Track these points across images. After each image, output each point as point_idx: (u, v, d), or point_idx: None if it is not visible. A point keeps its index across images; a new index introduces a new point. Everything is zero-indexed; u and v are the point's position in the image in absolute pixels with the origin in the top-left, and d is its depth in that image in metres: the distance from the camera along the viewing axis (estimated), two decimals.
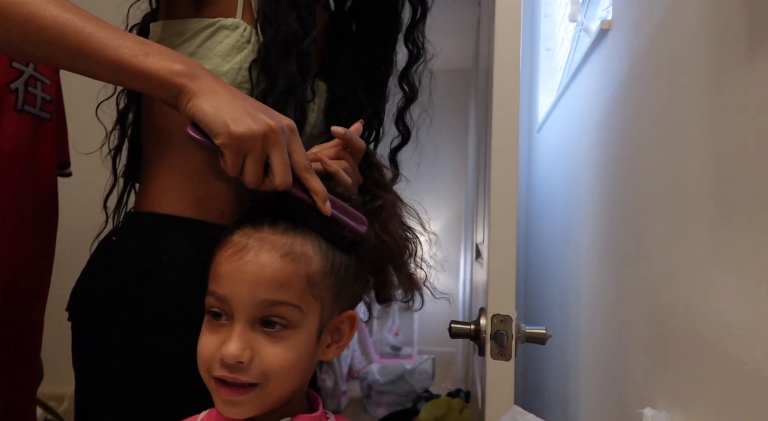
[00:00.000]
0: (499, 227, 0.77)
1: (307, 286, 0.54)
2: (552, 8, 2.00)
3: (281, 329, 0.53)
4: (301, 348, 0.54)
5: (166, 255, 0.69)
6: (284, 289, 0.53)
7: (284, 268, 0.53)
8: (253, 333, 0.53)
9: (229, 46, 0.71)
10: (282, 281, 0.53)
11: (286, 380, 0.54)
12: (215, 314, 0.54)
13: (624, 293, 0.85)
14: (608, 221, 0.97)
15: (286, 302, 0.53)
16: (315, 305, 0.55)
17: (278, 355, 0.53)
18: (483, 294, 0.89)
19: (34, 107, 0.84)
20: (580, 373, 1.13)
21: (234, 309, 0.53)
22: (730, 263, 0.51)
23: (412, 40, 0.89)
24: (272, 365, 0.52)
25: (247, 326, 0.52)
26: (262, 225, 0.55)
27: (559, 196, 1.52)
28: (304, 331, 0.54)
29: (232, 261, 0.53)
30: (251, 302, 0.52)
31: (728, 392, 0.51)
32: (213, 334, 0.54)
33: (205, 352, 0.54)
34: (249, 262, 0.53)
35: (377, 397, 3.30)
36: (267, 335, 0.53)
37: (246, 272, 0.52)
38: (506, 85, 0.78)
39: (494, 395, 0.75)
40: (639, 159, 0.81)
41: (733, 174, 0.52)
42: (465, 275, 3.56)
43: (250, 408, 0.53)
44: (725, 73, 0.55)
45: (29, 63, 0.84)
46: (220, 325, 0.54)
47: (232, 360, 0.51)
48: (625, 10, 0.91)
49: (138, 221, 0.75)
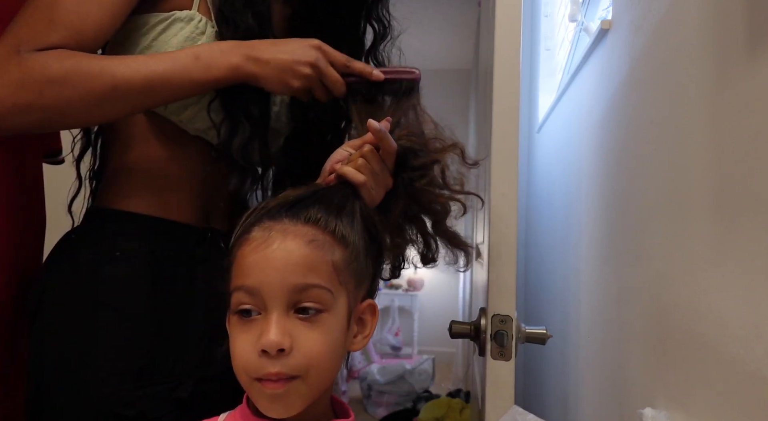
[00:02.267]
0: (499, 227, 0.77)
1: (334, 271, 0.54)
2: (552, 8, 2.00)
3: (316, 314, 0.52)
4: (336, 334, 0.54)
5: (119, 251, 0.69)
6: (314, 272, 0.52)
7: (311, 253, 0.53)
8: (290, 321, 0.51)
9: (183, 38, 0.71)
10: (310, 265, 0.53)
11: (326, 367, 0.53)
12: (244, 311, 0.53)
13: (624, 293, 0.85)
14: (608, 221, 0.97)
15: (317, 285, 0.52)
16: (342, 291, 0.55)
17: (317, 341, 0.52)
18: (483, 294, 0.89)
19: None
20: (580, 373, 1.13)
21: (266, 298, 0.52)
22: (730, 263, 0.51)
23: (376, 17, 0.88)
24: (312, 352, 0.51)
25: (282, 313, 0.51)
26: (281, 218, 0.55)
27: (559, 197, 1.52)
28: (337, 314, 0.54)
29: (258, 251, 0.53)
30: (283, 287, 0.51)
31: (728, 392, 0.51)
32: (246, 333, 0.52)
33: (242, 352, 0.52)
34: (276, 249, 0.52)
35: (377, 397, 3.30)
36: (303, 321, 0.52)
37: (274, 259, 0.52)
38: (506, 85, 0.78)
39: (494, 395, 0.75)
40: (639, 159, 0.81)
41: (733, 174, 0.52)
42: (465, 275, 3.56)
43: (295, 402, 0.52)
44: (725, 73, 0.55)
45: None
46: (252, 321, 0.52)
47: (273, 348, 0.49)
48: (625, 10, 0.91)
49: (94, 217, 0.75)
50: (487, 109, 0.93)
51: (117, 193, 0.73)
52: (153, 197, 0.73)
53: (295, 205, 0.56)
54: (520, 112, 0.77)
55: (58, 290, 0.69)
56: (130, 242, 0.70)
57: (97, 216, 0.75)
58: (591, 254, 1.08)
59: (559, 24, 1.85)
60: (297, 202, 0.57)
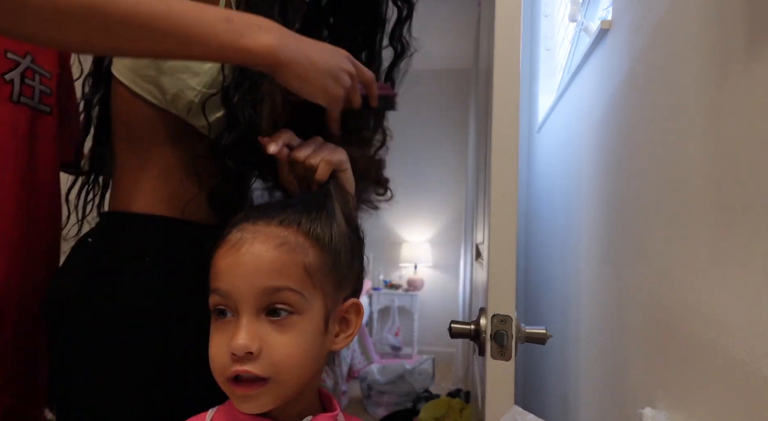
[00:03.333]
0: (499, 227, 0.77)
1: (306, 274, 0.55)
2: (552, 8, 2.00)
3: (287, 316, 0.53)
4: (309, 336, 0.54)
5: (147, 256, 0.69)
6: (283, 275, 0.53)
7: (280, 256, 0.54)
8: (260, 324, 0.53)
9: None
10: (279, 268, 0.53)
11: (297, 369, 0.54)
12: (220, 311, 0.55)
13: (624, 293, 0.85)
14: (608, 221, 0.97)
15: (287, 288, 0.53)
16: (317, 293, 0.55)
17: (288, 344, 0.53)
18: (483, 294, 0.89)
19: (31, 99, 0.82)
20: (580, 373, 1.13)
21: (237, 302, 0.53)
22: (730, 263, 0.51)
23: (398, 37, 0.89)
24: (282, 355, 0.52)
25: (253, 317, 0.53)
26: (257, 221, 0.56)
27: (559, 197, 1.52)
28: (310, 318, 0.55)
29: (229, 256, 0.54)
30: (252, 291, 0.53)
31: (728, 392, 0.51)
32: (221, 333, 0.54)
33: (216, 352, 0.54)
34: (246, 253, 0.54)
35: (377, 397, 3.30)
36: (274, 324, 0.53)
37: (243, 264, 0.53)
38: (506, 85, 0.78)
39: (494, 395, 0.75)
40: (639, 159, 0.81)
41: (733, 174, 0.52)
42: (465, 275, 3.56)
43: (266, 401, 0.53)
44: (725, 73, 0.55)
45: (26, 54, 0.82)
46: (227, 322, 0.54)
47: (241, 351, 0.51)
48: (625, 10, 0.91)
49: (113, 221, 0.74)
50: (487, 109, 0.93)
51: (134, 195, 0.72)
52: (170, 198, 0.72)
53: (272, 207, 0.58)
54: (520, 112, 0.77)
55: (83, 296, 0.68)
56: (153, 244, 0.70)
57: (115, 218, 0.74)
58: (591, 254, 1.08)
59: (559, 24, 1.85)
60: (275, 205, 0.58)
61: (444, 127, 4.93)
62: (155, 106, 0.71)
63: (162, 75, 0.69)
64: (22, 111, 0.81)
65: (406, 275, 4.94)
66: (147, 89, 0.71)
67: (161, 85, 0.70)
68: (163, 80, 0.70)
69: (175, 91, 0.69)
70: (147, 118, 0.72)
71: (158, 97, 0.71)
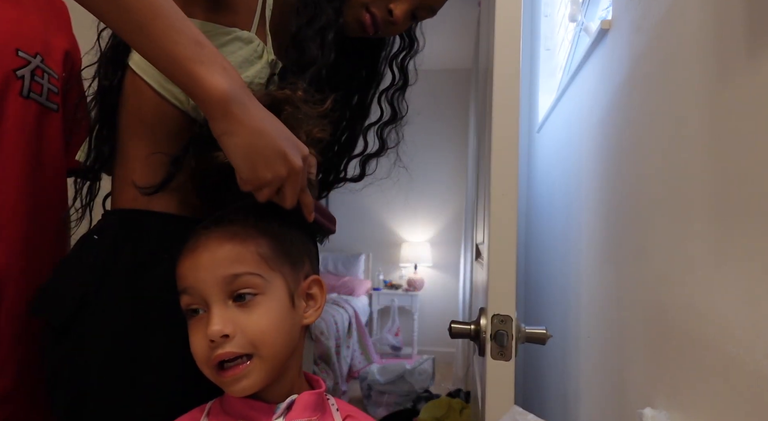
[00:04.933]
0: (499, 227, 0.77)
1: (261, 260, 0.59)
2: (552, 8, 2.00)
3: (252, 298, 0.58)
4: (276, 312, 0.59)
5: (166, 254, 0.68)
6: (239, 262, 0.58)
7: (234, 247, 0.59)
8: (229, 310, 0.57)
9: (242, 59, 0.71)
10: (235, 257, 0.58)
11: (275, 342, 0.58)
12: (193, 310, 0.59)
13: (624, 293, 0.85)
14: (608, 221, 0.97)
15: (245, 273, 0.58)
16: (275, 274, 0.60)
17: (259, 321, 0.58)
18: (483, 294, 0.89)
19: (40, 96, 0.84)
20: (580, 373, 1.13)
21: (204, 295, 0.58)
22: (730, 263, 0.51)
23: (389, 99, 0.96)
24: (256, 331, 0.57)
25: (222, 305, 0.57)
26: (209, 226, 0.61)
27: (559, 197, 1.52)
28: (274, 296, 0.59)
29: (188, 259, 0.60)
30: (215, 282, 0.57)
31: (728, 392, 0.51)
32: (197, 329, 0.59)
33: (197, 347, 0.58)
34: (202, 252, 0.59)
35: (377, 397, 3.30)
36: (242, 307, 0.58)
37: (202, 261, 0.58)
38: (506, 85, 0.78)
39: (494, 395, 0.75)
40: (639, 159, 0.81)
41: (733, 174, 0.52)
42: (465, 275, 3.56)
43: (255, 379, 0.57)
44: (725, 73, 0.55)
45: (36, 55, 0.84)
46: (200, 319, 0.59)
47: (217, 335, 0.55)
48: (625, 10, 0.91)
49: (128, 218, 0.72)
50: (487, 109, 0.93)
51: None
52: (185, 197, 0.71)
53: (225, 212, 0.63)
54: (520, 112, 0.77)
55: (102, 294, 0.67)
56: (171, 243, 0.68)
57: (134, 217, 0.72)
58: (591, 254, 1.08)
59: (559, 24, 1.85)
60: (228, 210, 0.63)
61: (444, 127, 4.93)
62: (177, 108, 0.71)
63: None
64: (31, 106, 0.83)
65: (406, 275, 4.94)
66: (171, 92, 0.71)
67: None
68: None
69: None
70: (167, 118, 0.71)
71: (182, 101, 0.71)
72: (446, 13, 0.99)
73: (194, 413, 0.62)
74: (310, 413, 0.60)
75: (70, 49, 0.92)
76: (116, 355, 0.66)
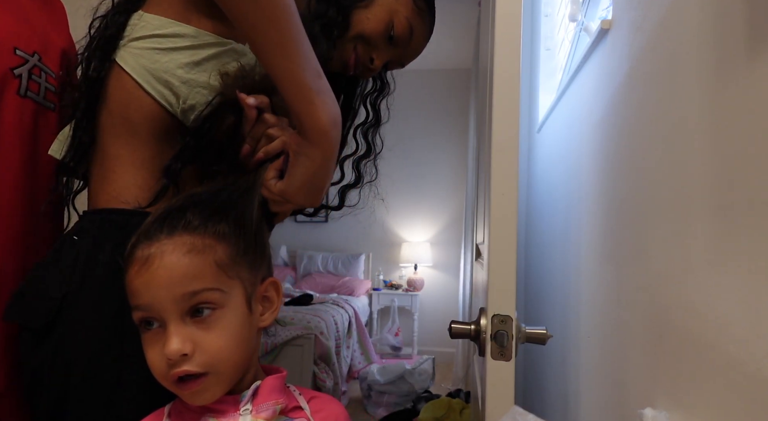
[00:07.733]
0: (499, 227, 0.77)
1: (219, 270, 0.58)
2: (552, 8, 2.00)
3: (211, 313, 0.57)
4: (235, 325, 0.59)
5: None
6: (198, 279, 0.57)
7: (191, 261, 0.57)
8: (187, 327, 0.56)
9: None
10: (193, 273, 0.57)
11: (232, 358, 0.58)
12: (147, 322, 0.58)
13: (624, 293, 0.85)
14: (608, 221, 0.97)
15: (204, 289, 0.57)
16: (234, 283, 0.59)
17: (218, 339, 0.57)
18: (483, 294, 0.89)
19: (37, 95, 0.84)
20: (580, 373, 1.13)
21: (161, 312, 0.56)
22: (730, 263, 0.51)
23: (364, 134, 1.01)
24: (214, 350, 0.57)
25: (179, 322, 0.56)
26: (158, 236, 0.58)
27: (559, 197, 1.52)
28: (233, 307, 0.59)
29: (142, 274, 0.57)
30: (173, 300, 0.56)
31: (728, 392, 0.51)
32: (153, 344, 0.58)
33: (154, 363, 0.58)
34: (157, 268, 0.56)
35: (377, 397, 3.30)
36: (200, 323, 0.57)
37: (158, 277, 0.56)
38: (506, 85, 0.78)
39: (494, 395, 0.75)
40: (639, 159, 0.81)
41: (733, 174, 0.52)
42: (465, 275, 3.56)
43: (213, 392, 0.58)
44: (725, 73, 0.55)
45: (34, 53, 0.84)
46: (155, 333, 0.58)
47: (175, 356, 0.55)
48: (625, 10, 0.91)
49: (108, 218, 0.71)
50: (487, 109, 0.93)
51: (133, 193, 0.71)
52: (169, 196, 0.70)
53: (168, 217, 0.60)
54: (520, 112, 0.77)
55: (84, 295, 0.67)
56: None
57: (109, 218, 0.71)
58: (591, 254, 1.08)
59: (559, 24, 1.85)
60: (170, 214, 0.60)
61: (444, 127, 4.93)
62: (166, 110, 0.71)
63: (182, 84, 0.70)
64: (28, 105, 0.83)
65: (406, 275, 4.94)
66: (161, 93, 0.70)
67: (178, 93, 0.70)
68: (182, 89, 0.70)
69: (193, 103, 0.70)
70: (154, 119, 0.71)
71: (171, 103, 0.71)
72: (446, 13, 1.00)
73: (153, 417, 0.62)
74: (277, 396, 0.60)
75: (67, 48, 0.93)
76: (99, 355, 0.66)
